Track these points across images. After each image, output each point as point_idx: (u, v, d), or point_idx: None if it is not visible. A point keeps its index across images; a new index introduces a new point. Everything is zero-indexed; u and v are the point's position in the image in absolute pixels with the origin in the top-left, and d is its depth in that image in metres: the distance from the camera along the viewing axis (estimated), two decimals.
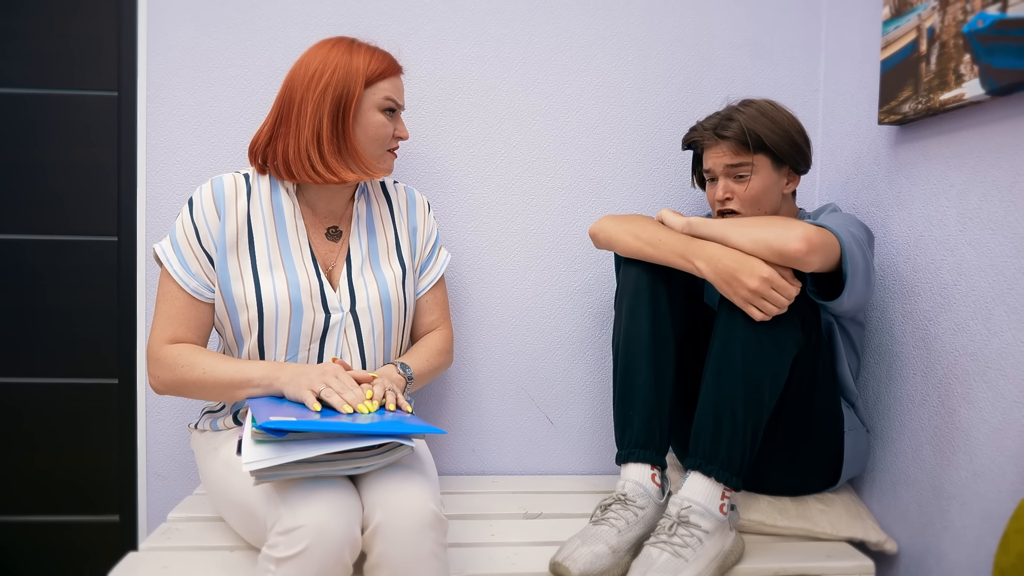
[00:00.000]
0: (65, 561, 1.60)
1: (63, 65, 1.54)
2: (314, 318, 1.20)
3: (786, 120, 1.30)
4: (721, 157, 1.30)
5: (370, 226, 1.30)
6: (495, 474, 1.63)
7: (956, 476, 1.16)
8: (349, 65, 1.18)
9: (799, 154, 1.31)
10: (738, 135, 1.27)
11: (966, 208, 1.16)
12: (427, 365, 1.30)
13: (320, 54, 1.19)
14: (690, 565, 1.06)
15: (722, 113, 1.32)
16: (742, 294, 1.12)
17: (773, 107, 1.31)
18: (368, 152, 1.22)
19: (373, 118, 1.21)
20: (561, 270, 1.62)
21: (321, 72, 1.17)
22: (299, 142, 1.17)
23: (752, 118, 1.28)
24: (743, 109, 1.30)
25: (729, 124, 1.29)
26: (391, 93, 1.22)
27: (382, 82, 1.21)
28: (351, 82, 1.17)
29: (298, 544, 0.90)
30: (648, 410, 1.22)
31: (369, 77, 1.19)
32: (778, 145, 1.28)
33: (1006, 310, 1.07)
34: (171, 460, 1.56)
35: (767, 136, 1.27)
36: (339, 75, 1.17)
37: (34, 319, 1.56)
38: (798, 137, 1.30)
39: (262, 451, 0.93)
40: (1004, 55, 1.02)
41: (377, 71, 1.20)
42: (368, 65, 1.19)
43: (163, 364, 1.15)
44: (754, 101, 1.32)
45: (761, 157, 1.28)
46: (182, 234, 1.19)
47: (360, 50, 1.20)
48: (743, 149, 1.28)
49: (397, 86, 1.24)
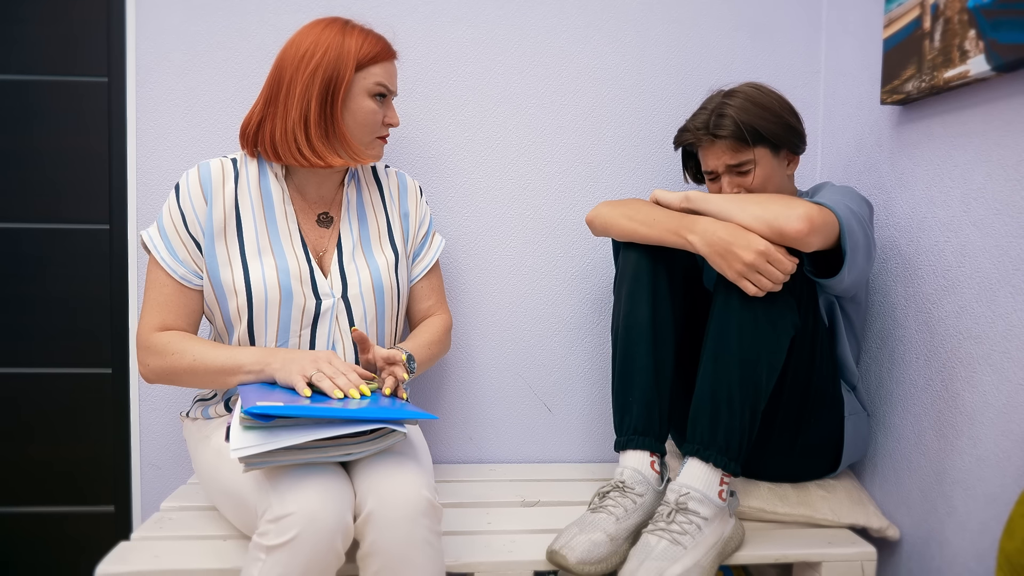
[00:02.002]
0: (60, 552, 1.59)
1: (54, 51, 1.51)
2: (304, 304, 1.18)
3: (776, 104, 1.26)
4: (721, 157, 1.27)
5: (361, 212, 1.28)
6: (492, 462, 1.62)
7: (960, 461, 1.14)
8: (341, 47, 1.15)
9: (796, 136, 1.28)
10: (735, 132, 1.23)
11: (970, 188, 1.13)
12: (428, 352, 1.28)
13: (312, 34, 1.16)
14: (689, 552, 1.05)
15: (709, 108, 1.27)
16: (737, 268, 1.10)
17: (759, 91, 1.26)
18: (356, 138, 1.20)
19: (363, 103, 1.18)
20: (558, 255, 1.60)
21: (312, 53, 1.15)
22: (286, 123, 1.15)
23: (743, 110, 1.23)
24: (730, 101, 1.25)
25: (722, 122, 1.23)
26: (383, 78, 1.20)
27: (374, 67, 1.19)
28: (342, 65, 1.15)
29: (288, 532, 0.89)
30: (647, 396, 1.20)
31: (360, 61, 1.17)
32: (775, 133, 1.24)
33: (1011, 291, 1.04)
34: (165, 449, 1.55)
35: (763, 127, 1.23)
36: (330, 57, 1.15)
37: (26, 308, 1.55)
38: (791, 119, 1.27)
39: (250, 437, 0.91)
40: (1010, 29, 0.99)
41: (369, 55, 1.17)
42: (360, 48, 1.17)
43: (153, 352, 1.13)
44: (737, 90, 1.27)
45: (761, 149, 1.25)
46: (169, 221, 1.17)
47: (353, 32, 1.18)
48: (742, 145, 1.24)
49: (390, 71, 1.22)
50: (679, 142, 1.33)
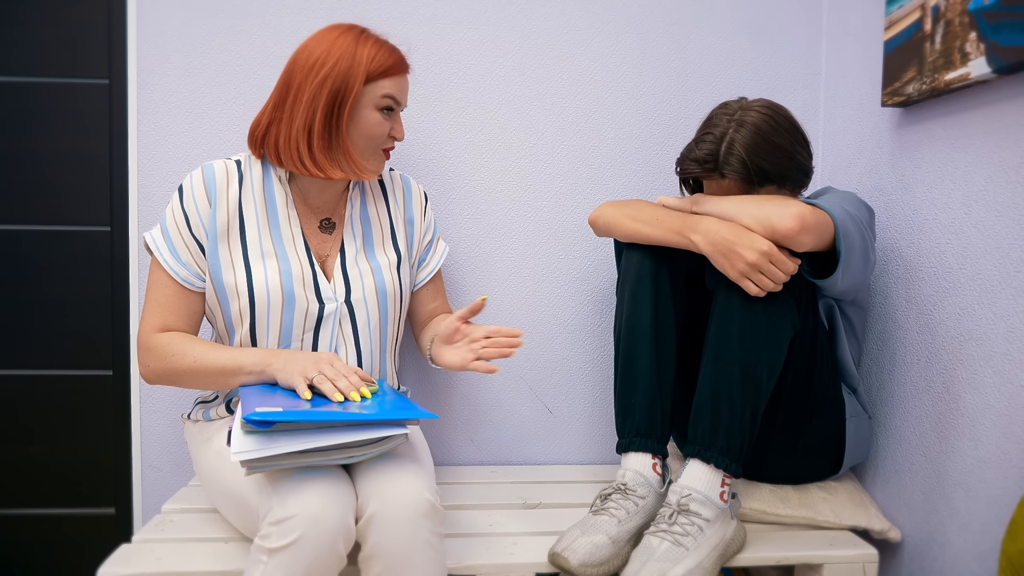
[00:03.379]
0: (60, 554, 1.58)
1: (54, 53, 1.51)
2: (307, 307, 1.18)
3: (787, 140, 1.20)
4: (724, 193, 1.22)
5: (364, 217, 1.28)
6: (494, 464, 1.62)
7: (961, 463, 1.14)
8: (352, 58, 1.13)
9: (803, 174, 1.25)
10: (741, 174, 1.18)
11: (971, 190, 1.13)
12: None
13: (325, 41, 1.14)
14: (691, 554, 1.05)
15: (716, 136, 1.20)
16: (739, 267, 1.10)
17: (771, 121, 1.20)
18: (359, 150, 1.18)
19: (369, 116, 1.16)
20: (559, 257, 1.60)
21: (323, 62, 1.12)
22: (291, 131, 1.14)
23: (752, 148, 1.17)
24: (739, 136, 1.18)
25: (729, 159, 1.18)
26: (392, 91, 1.17)
27: (384, 80, 1.16)
28: (351, 77, 1.13)
29: (290, 534, 0.89)
30: (650, 398, 1.20)
31: (371, 73, 1.14)
32: (783, 174, 1.21)
33: (1012, 293, 1.05)
34: (166, 452, 1.55)
35: (771, 169, 1.19)
36: (340, 68, 1.12)
37: (27, 310, 1.55)
38: (800, 156, 1.22)
39: (250, 441, 0.91)
40: (1011, 32, 0.99)
41: (380, 68, 1.15)
42: (372, 60, 1.14)
43: (153, 353, 1.13)
44: (747, 119, 1.19)
45: (768, 188, 1.22)
46: (172, 222, 1.17)
47: (367, 43, 1.15)
48: (747, 186, 1.21)
49: (401, 85, 1.19)
50: (683, 174, 1.27)
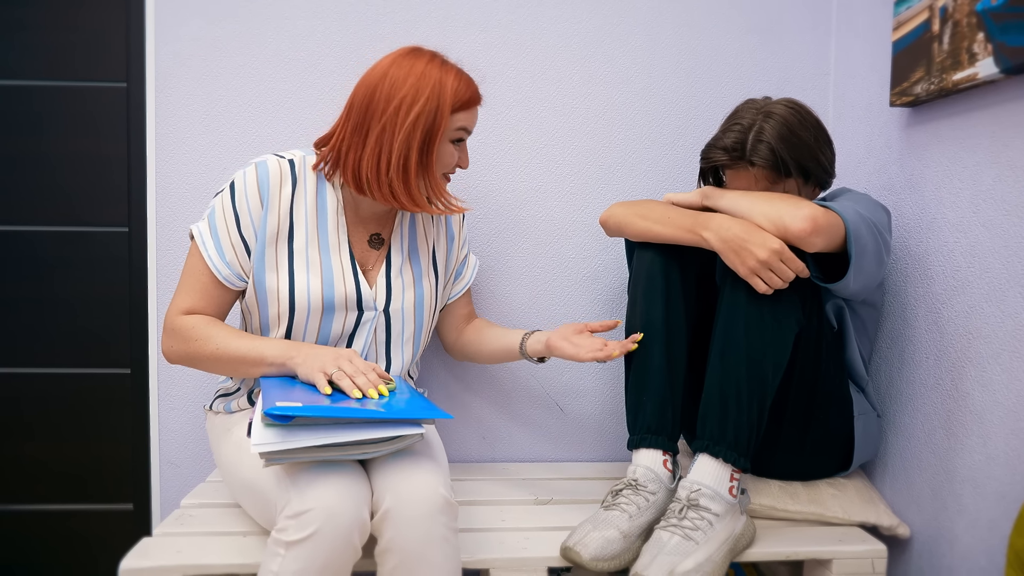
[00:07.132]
0: (80, 549, 1.61)
1: (73, 56, 1.54)
2: (345, 316, 1.19)
3: (812, 138, 1.21)
4: (750, 183, 1.23)
5: (412, 233, 1.29)
6: (506, 461, 1.63)
7: (970, 460, 1.15)
8: (441, 93, 1.11)
9: (826, 173, 1.26)
10: (771, 162, 1.19)
11: (980, 189, 1.14)
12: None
13: (413, 74, 1.11)
14: (700, 548, 1.06)
15: (744, 125, 1.21)
16: (750, 264, 1.11)
17: (798, 116, 1.21)
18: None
19: (444, 148, 1.15)
20: (571, 257, 1.61)
21: (414, 96, 1.10)
22: (380, 163, 1.11)
23: (781, 138, 1.18)
24: (768, 125, 1.19)
25: (759, 148, 1.18)
26: (467, 123, 1.16)
27: (462, 112, 1.15)
28: (439, 114, 1.11)
29: (307, 528, 0.90)
30: (661, 395, 1.21)
31: (455, 107, 1.13)
32: (810, 169, 1.22)
33: (1020, 291, 1.05)
34: (184, 448, 1.58)
35: (798, 163, 1.20)
36: (431, 105, 1.10)
37: (47, 310, 1.58)
38: (825, 155, 1.23)
39: (270, 434, 0.93)
40: (1018, 32, 1.00)
41: (462, 100, 1.14)
42: (455, 93, 1.13)
43: (177, 335, 1.13)
44: (774, 110, 1.20)
45: (792, 181, 1.23)
46: (221, 219, 1.15)
47: (449, 74, 1.13)
48: (776, 175, 1.21)
49: (474, 117, 1.19)
50: (709, 161, 1.26)
